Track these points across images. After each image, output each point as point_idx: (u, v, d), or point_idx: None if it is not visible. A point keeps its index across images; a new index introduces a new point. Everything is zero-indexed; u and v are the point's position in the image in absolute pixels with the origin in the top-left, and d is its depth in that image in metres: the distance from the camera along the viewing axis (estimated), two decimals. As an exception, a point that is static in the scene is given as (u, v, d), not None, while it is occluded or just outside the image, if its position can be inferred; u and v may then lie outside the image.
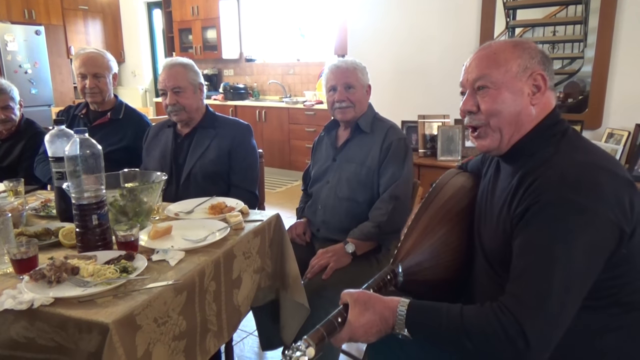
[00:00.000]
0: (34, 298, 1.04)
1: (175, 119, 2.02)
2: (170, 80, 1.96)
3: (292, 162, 5.64)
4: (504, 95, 1.05)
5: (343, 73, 1.89)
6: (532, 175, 0.99)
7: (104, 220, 1.30)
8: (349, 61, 1.93)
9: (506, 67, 1.05)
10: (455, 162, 2.84)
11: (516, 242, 0.98)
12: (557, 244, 0.91)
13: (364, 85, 1.92)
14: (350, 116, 1.91)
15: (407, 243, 1.19)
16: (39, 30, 6.33)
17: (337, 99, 1.89)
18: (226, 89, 6.22)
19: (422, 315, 0.98)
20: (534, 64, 1.05)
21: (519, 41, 1.08)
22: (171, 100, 1.96)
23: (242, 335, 2.34)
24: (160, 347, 1.10)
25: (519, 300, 0.90)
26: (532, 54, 1.06)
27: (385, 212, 1.80)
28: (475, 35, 3.17)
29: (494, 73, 1.05)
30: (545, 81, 1.05)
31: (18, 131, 2.47)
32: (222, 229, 1.46)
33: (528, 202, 0.96)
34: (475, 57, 1.10)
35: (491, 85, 1.05)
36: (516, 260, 0.96)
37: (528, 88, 1.05)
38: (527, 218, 0.96)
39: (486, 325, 0.91)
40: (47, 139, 1.50)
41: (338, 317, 1.01)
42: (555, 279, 0.89)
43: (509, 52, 1.06)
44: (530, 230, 0.95)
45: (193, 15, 6.48)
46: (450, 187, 1.26)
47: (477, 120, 1.09)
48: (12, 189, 1.79)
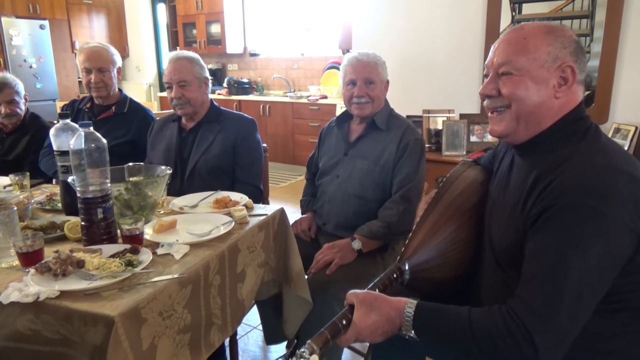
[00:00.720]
0: (39, 291, 1.04)
1: (180, 113, 2.02)
2: (176, 74, 1.96)
3: (296, 157, 5.63)
4: (527, 83, 1.00)
5: (364, 67, 1.84)
6: (549, 175, 0.95)
7: (109, 214, 1.30)
8: (370, 55, 1.87)
9: (535, 54, 1.00)
10: (460, 157, 2.82)
11: (528, 245, 0.96)
12: (571, 250, 0.88)
13: (383, 81, 1.89)
14: (368, 112, 1.87)
15: (415, 240, 1.16)
16: (43, 24, 6.34)
17: (357, 94, 1.85)
18: (230, 84, 6.21)
19: (429, 317, 0.97)
20: (566, 54, 1.00)
21: (554, 27, 1.02)
22: (176, 94, 1.96)
23: (246, 329, 2.34)
24: (165, 340, 1.11)
25: (528, 307, 0.88)
26: (565, 43, 1.00)
27: (396, 213, 1.78)
28: (481, 30, 3.14)
29: (521, 59, 1.00)
30: (574, 74, 1.00)
31: (23, 125, 2.48)
32: (226, 223, 1.46)
33: (544, 204, 0.93)
34: (505, 39, 1.05)
35: (515, 72, 1.01)
36: (527, 264, 0.94)
37: (555, 79, 1.00)
38: (541, 221, 0.93)
39: (494, 330, 0.89)
40: (52, 133, 1.50)
41: (343, 319, 0.99)
42: (567, 287, 0.87)
43: (540, 39, 1.00)
44: (544, 234, 0.92)
45: (197, 10, 6.46)
46: (461, 182, 1.22)
47: (497, 103, 1.05)
48: (17, 182, 1.79)
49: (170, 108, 2.06)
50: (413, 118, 3.11)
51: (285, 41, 6.37)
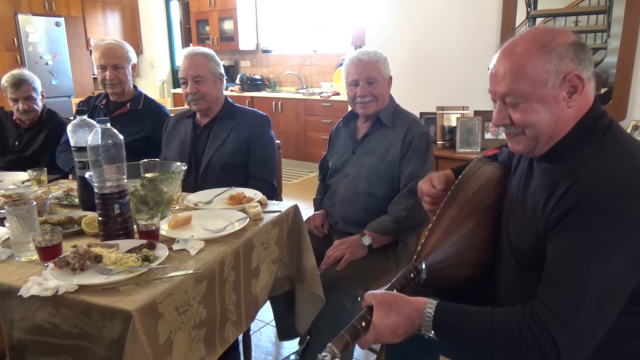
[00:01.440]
0: (58, 285, 1.06)
1: (195, 108, 2.03)
2: (192, 69, 1.97)
3: (308, 154, 5.63)
4: (536, 107, 0.97)
5: (365, 67, 1.85)
6: (572, 177, 0.93)
7: (126, 210, 1.31)
8: (371, 53, 1.88)
9: (534, 77, 0.96)
10: (474, 154, 2.80)
11: (551, 246, 0.94)
12: (595, 254, 0.87)
13: (386, 78, 1.89)
14: (372, 110, 1.88)
15: (431, 239, 1.15)
16: (59, 21, 6.41)
17: (360, 94, 1.86)
18: (243, 80, 6.23)
19: (450, 317, 0.96)
20: (567, 64, 0.95)
21: (544, 41, 0.96)
22: (192, 89, 1.97)
23: (259, 325, 2.36)
24: (181, 335, 1.12)
25: (551, 311, 0.87)
26: (562, 53, 0.95)
27: (405, 208, 1.78)
28: (497, 25, 3.11)
29: (522, 86, 0.97)
30: (582, 80, 0.96)
31: (40, 121, 2.51)
32: (241, 219, 1.47)
33: (567, 206, 0.91)
34: (500, 65, 1.01)
35: (521, 100, 0.98)
36: (550, 266, 0.93)
37: (563, 92, 0.96)
38: (564, 223, 0.91)
39: (516, 333, 0.88)
40: (69, 129, 1.52)
41: (362, 321, 0.99)
42: (590, 291, 0.86)
43: (534, 60, 0.96)
44: (567, 236, 0.91)
45: (210, 7, 6.48)
46: (478, 179, 1.20)
47: (512, 130, 1.03)
48: (35, 178, 1.82)
49: (184, 104, 2.07)
50: (427, 115, 3.10)
51: (298, 37, 6.36)
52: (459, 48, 3.27)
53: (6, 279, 1.12)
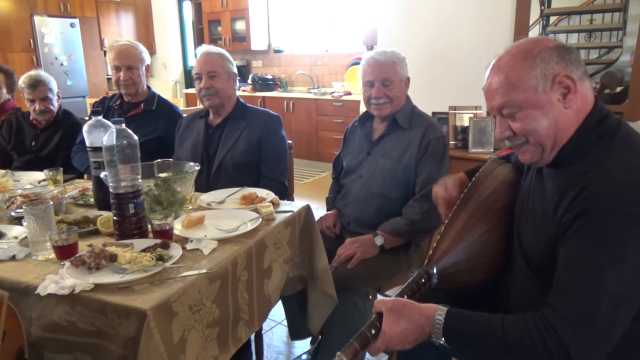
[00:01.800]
0: (75, 283, 1.07)
1: (207, 104, 2.04)
2: (207, 65, 1.99)
3: (320, 154, 5.64)
4: (532, 113, 0.98)
5: (381, 67, 1.84)
6: (582, 180, 0.92)
7: (140, 209, 1.33)
8: (388, 53, 1.86)
9: (523, 85, 0.97)
10: (487, 154, 2.78)
11: (562, 252, 0.93)
12: (608, 260, 0.85)
13: (403, 79, 1.87)
14: (387, 112, 1.87)
15: (443, 243, 1.14)
16: (73, 23, 6.50)
17: (374, 95, 1.85)
18: (254, 80, 6.25)
19: (460, 324, 0.96)
20: (552, 66, 0.96)
21: (527, 49, 0.98)
22: (206, 84, 1.99)
23: (271, 325, 2.37)
24: (194, 334, 1.13)
25: (563, 318, 0.86)
26: (546, 57, 0.96)
27: (420, 212, 1.77)
28: (510, 24, 3.09)
29: (514, 96, 0.98)
30: (572, 79, 0.96)
31: (56, 121, 2.55)
32: (253, 219, 1.48)
33: (578, 210, 0.90)
34: (491, 80, 1.03)
35: (516, 109, 0.99)
36: (561, 272, 0.91)
37: (556, 94, 0.97)
38: (575, 227, 0.90)
39: (528, 341, 0.88)
40: (85, 129, 1.54)
41: (372, 329, 0.99)
42: (603, 298, 0.84)
43: (520, 69, 0.98)
44: (579, 241, 0.89)
45: (222, 7, 6.52)
46: (492, 181, 1.19)
47: (517, 141, 1.04)
48: (51, 177, 1.85)
49: (197, 104, 2.09)
50: (439, 115, 3.08)
51: (309, 37, 6.37)
52: (471, 47, 3.25)
53: (24, 278, 1.14)
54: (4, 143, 2.58)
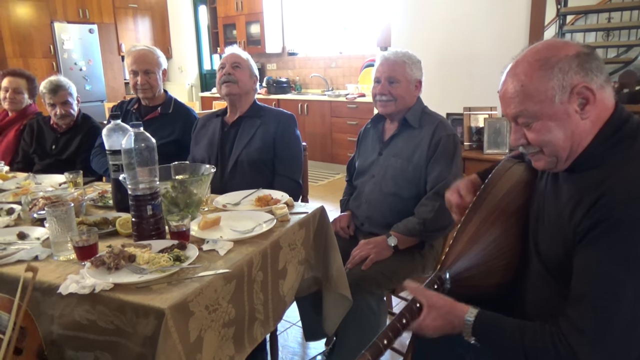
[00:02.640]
0: (95, 283, 1.10)
1: (226, 91, 2.06)
2: (232, 57, 2.09)
3: (334, 155, 5.65)
4: (548, 124, 0.96)
5: (390, 65, 1.86)
6: (600, 187, 0.90)
7: (158, 211, 1.36)
8: (400, 54, 1.88)
9: (540, 96, 0.94)
10: (502, 155, 2.77)
11: (578, 260, 0.91)
12: (624, 271, 0.84)
13: (411, 80, 1.88)
14: (390, 110, 1.88)
15: (456, 247, 1.13)
16: (92, 28, 6.63)
17: (378, 91, 1.88)
18: (269, 83, 6.30)
19: (487, 328, 1.00)
20: (571, 77, 0.93)
21: (545, 57, 0.95)
22: (228, 70, 2.06)
23: (285, 326, 2.38)
24: (211, 333, 1.15)
25: (577, 331, 0.86)
26: (564, 67, 0.93)
27: (432, 210, 1.77)
28: (525, 24, 3.06)
29: (530, 106, 0.96)
30: (592, 90, 0.93)
31: (75, 125, 2.60)
32: (268, 220, 1.49)
33: (595, 218, 0.88)
34: (506, 87, 1.00)
35: (531, 119, 0.97)
36: (576, 282, 0.90)
37: (574, 105, 0.94)
38: (592, 236, 0.88)
39: (544, 352, 0.89)
40: (104, 133, 1.58)
41: (402, 318, 1.03)
42: (620, 311, 0.83)
43: (537, 80, 0.94)
44: (595, 251, 0.88)
45: (237, 11, 6.58)
46: (506, 182, 1.16)
47: (531, 149, 1.02)
48: (72, 180, 1.89)
49: (212, 107, 2.12)
50: (453, 115, 3.07)
51: (324, 40, 6.39)
52: (486, 47, 3.23)
53: (46, 277, 1.17)
54: (26, 147, 2.64)
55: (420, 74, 1.91)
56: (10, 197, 1.83)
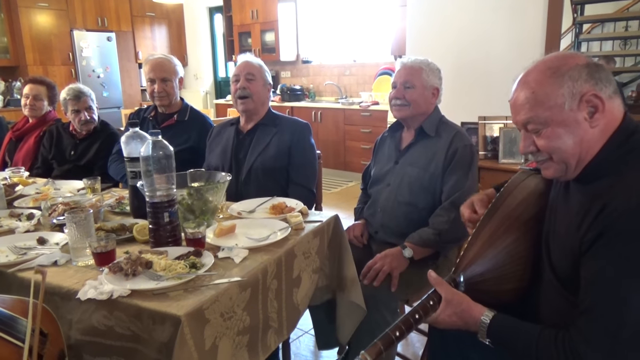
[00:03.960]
0: (113, 289, 1.11)
1: (242, 108, 2.09)
2: (246, 68, 2.09)
3: (348, 163, 5.65)
4: (557, 131, 0.97)
5: (406, 71, 1.88)
6: (606, 196, 0.91)
7: (174, 218, 1.37)
8: (418, 60, 1.89)
9: (550, 102, 0.96)
10: (517, 164, 2.75)
11: (584, 271, 0.92)
12: (631, 282, 0.84)
13: (427, 87, 1.87)
14: (404, 114, 1.89)
15: (470, 252, 1.15)
16: (110, 36, 6.76)
17: (393, 95, 1.89)
18: (283, 91, 6.34)
19: (502, 331, 1.02)
20: (581, 84, 0.95)
21: (555, 66, 0.97)
22: (242, 84, 2.07)
23: (298, 334, 2.38)
24: (225, 340, 1.15)
25: (586, 341, 0.87)
26: (575, 75, 0.95)
27: (447, 220, 1.76)
28: (541, 33, 3.04)
29: (539, 113, 0.98)
30: (601, 99, 0.95)
31: (94, 132, 2.65)
32: (283, 228, 1.50)
33: (600, 228, 0.89)
34: (517, 95, 1.02)
35: (541, 126, 0.99)
36: (584, 293, 0.91)
37: (583, 113, 0.96)
38: (597, 247, 0.89)
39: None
40: (122, 140, 1.60)
41: (420, 310, 1.07)
42: (628, 321, 0.84)
43: (547, 85, 0.97)
44: (601, 262, 0.89)
45: (252, 19, 6.65)
46: (520, 192, 1.18)
47: (540, 157, 1.03)
48: (90, 186, 1.92)
49: (226, 114, 2.14)
50: (468, 125, 3.06)
51: (338, 48, 6.42)
52: (501, 56, 3.22)
53: (65, 283, 1.19)
54: (45, 153, 2.69)
55: (438, 81, 1.91)
56: (30, 203, 1.86)
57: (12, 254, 1.38)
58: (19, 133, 2.87)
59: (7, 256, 1.37)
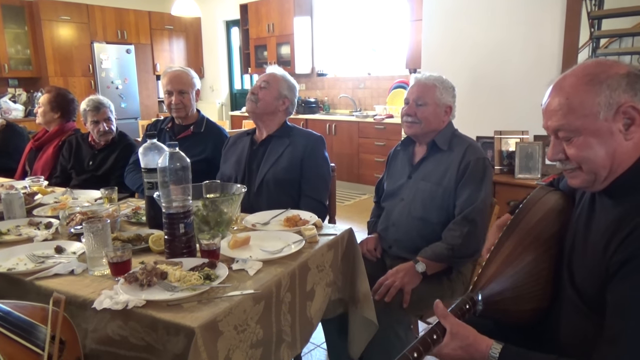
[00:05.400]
0: (128, 299, 1.12)
1: (246, 108, 2.14)
2: (265, 76, 2.14)
3: (361, 176, 5.65)
4: (589, 141, 0.94)
5: (419, 88, 1.88)
6: (637, 216, 0.87)
7: (190, 229, 1.38)
8: (431, 77, 1.89)
9: (583, 111, 0.93)
10: (534, 180, 2.71)
11: (611, 295, 0.89)
12: None
13: (440, 104, 1.86)
14: (414, 131, 1.88)
15: (489, 270, 1.12)
16: (129, 49, 6.89)
17: (405, 112, 1.89)
18: (298, 103, 6.34)
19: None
20: (619, 95, 0.91)
21: (594, 73, 0.94)
22: (254, 89, 2.11)
23: (310, 347, 2.36)
24: (238, 353, 1.15)
25: None
26: (613, 84, 0.91)
27: (460, 235, 1.74)
28: (558, 48, 3.03)
29: (572, 120, 0.95)
30: (639, 111, 0.92)
31: (112, 142, 2.69)
32: (297, 241, 1.50)
33: (629, 252, 0.85)
34: (550, 100, 0.99)
35: (573, 134, 0.96)
36: (611, 319, 0.88)
37: (618, 124, 0.92)
38: (627, 270, 0.86)
39: None
40: (140, 151, 1.63)
41: (428, 338, 1.01)
42: None
43: (583, 93, 0.93)
44: (629, 287, 0.85)
45: (268, 32, 6.73)
46: (540, 209, 1.15)
47: (569, 166, 1.00)
48: (107, 196, 1.95)
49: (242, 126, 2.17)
50: (484, 139, 3.04)
51: (352, 61, 6.46)
52: (518, 70, 3.20)
53: (81, 292, 1.20)
54: (64, 162, 2.74)
55: (451, 99, 1.90)
56: (49, 211, 1.89)
57: (31, 262, 1.40)
58: (39, 143, 2.94)
59: (26, 264, 1.39)
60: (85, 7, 6.52)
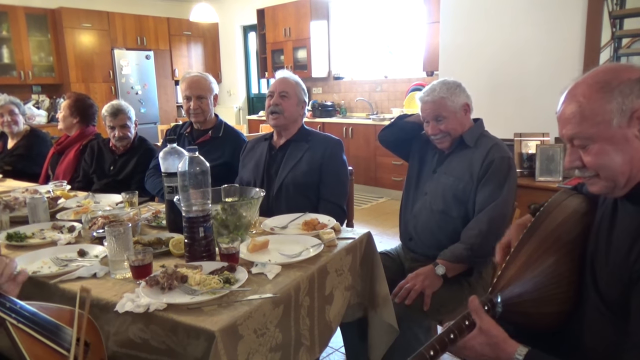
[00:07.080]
0: (149, 303, 1.13)
1: (273, 123, 2.12)
2: (281, 85, 2.12)
3: (378, 179, 5.63)
4: (605, 148, 0.93)
5: (430, 107, 1.84)
6: None
7: (209, 233, 1.39)
8: (435, 91, 1.84)
9: (596, 118, 0.92)
10: (555, 182, 2.67)
11: (635, 302, 0.87)
12: None
13: (457, 110, 1.84)
14: (448, 144, 1.87)
15: (508, 272, 1.11)
16: (148, 55, 7.00)
17: (430, 132, 1.87)
18: (315, 107, 6.39)
19: None
20: (632, 100, 0.89)
21: (605, 80, 0.93)
22: (275, 101, 2.10)
23: (328, 351, 2.35)
24: (258, 357, 1.15)
25: None
26: (625, 90, 0.90)
27: (479, 234, 1.72)
28: (579, 48, 2.98)
29: (585, 129, 0.94)
30: None
31: (132, 147, 2.73)
32: (315, 245, 1.50)
33: None
34: (564, 108, 0.98)
35: (587, 141, 0.95)
36: (635, 325, 0.86)
37: (634, 130, 0.91)
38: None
39: None
40: (160, 156, 1.65)
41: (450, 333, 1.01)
42: None
43: (595, 101, 0.92)
44: None
45: (285, 37, 6.76)
46: (561, 212, 1.13)
47: (587, 173, 0.99)
48: (128, 200, 1.98)
49: (259, 130, 2.18)
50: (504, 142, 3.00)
51: (369, 64, 6.45)
52: (538, 72, 3.16)
53: (104, 295, 1.22)
54: (86, 167, 2.79)
55: (464, 96, 1.86)
56: (72, 215, 1.93)
57: (55, 266, 1.43)
58: (60, 147, 3.00)
59: (50, 267, 1.42)
60: (106, 14, 6.65)
